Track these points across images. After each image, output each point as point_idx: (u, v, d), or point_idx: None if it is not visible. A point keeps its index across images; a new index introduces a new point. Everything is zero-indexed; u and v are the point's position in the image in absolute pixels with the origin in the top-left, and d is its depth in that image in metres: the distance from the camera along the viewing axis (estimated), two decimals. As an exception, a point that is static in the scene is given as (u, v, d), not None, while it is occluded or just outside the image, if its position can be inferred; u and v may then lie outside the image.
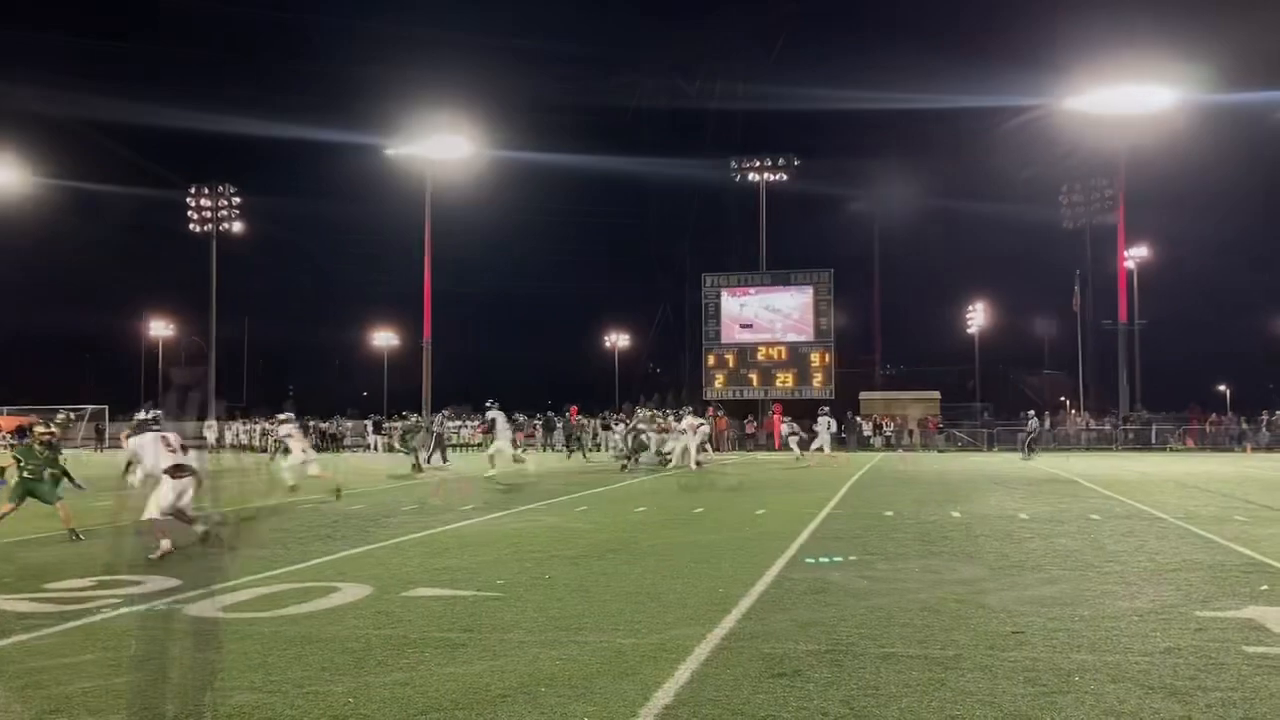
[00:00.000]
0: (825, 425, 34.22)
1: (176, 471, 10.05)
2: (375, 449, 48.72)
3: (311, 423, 51.07)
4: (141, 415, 11.05)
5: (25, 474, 11.21)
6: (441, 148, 56.50)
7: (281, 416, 23.14)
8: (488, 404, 23.77)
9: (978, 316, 70.37)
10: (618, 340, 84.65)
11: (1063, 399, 74.61)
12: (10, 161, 54.91)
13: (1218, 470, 25.96)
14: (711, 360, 51.82)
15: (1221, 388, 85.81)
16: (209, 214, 64.89)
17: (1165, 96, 49.34)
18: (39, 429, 12.10)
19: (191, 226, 65.42)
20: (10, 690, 5.04)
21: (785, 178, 57.14)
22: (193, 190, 65.44)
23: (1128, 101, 49.23)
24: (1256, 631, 6.21)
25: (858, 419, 49.10)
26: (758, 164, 57.01)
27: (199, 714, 4.62)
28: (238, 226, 65.87)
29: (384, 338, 78.34)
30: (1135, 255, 56.53)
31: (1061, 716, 4.50)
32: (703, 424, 28.03)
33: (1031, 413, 37.90)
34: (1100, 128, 50.84)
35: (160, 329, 71.11)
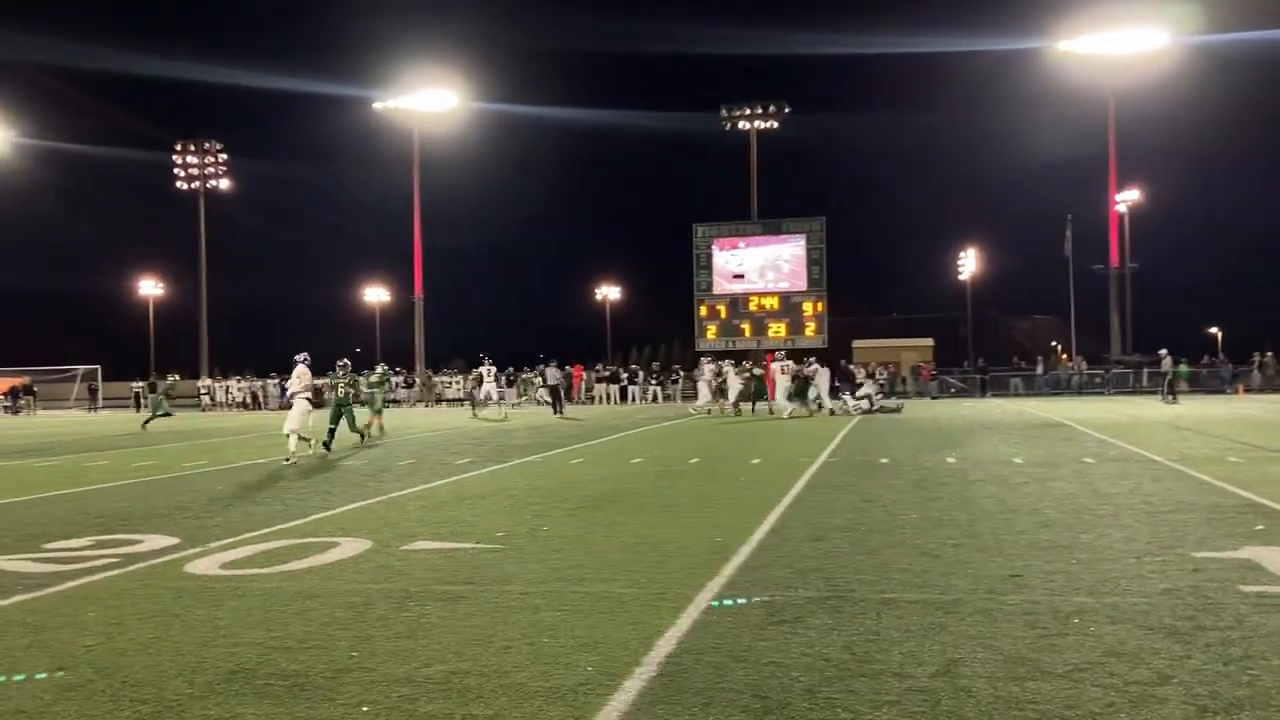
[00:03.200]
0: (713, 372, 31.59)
1: None
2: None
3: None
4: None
5: None
6: (430, 100, 55.91)
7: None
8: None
9: (969, 263, 70.28)
10: (608, 294, 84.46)
11: (1054, 343, 74.73)
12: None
13: (1210, 412, 26.10)
14: (704, 311, 51.62)
15: (1213, 330, 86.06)
16: (195, 171, 64.34)
17: (1157, 38, 49.00)
18: None
19: (179, 185, 64.91)
20: (15, 649, 5.03)
21: (776, 125, 56.65)
22: (178, 147, 64.83)
23: (1120, 43, 48.90)
24: (1253, 571, 6.24)
25: (851, 367, 49.14)
26: (748, 111, 56.48)
27: (203, 671, 4.63)
28: (225, 184, 65.40)
29: (375, 294, 77.97)
30: (1126, 198, 56.31)
31: (1062, 659, 4.52)
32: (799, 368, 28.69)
33: (1165, 351, 36.13)
34: (1093, 70, 50.52)
35: (150, 288, 70.71)
